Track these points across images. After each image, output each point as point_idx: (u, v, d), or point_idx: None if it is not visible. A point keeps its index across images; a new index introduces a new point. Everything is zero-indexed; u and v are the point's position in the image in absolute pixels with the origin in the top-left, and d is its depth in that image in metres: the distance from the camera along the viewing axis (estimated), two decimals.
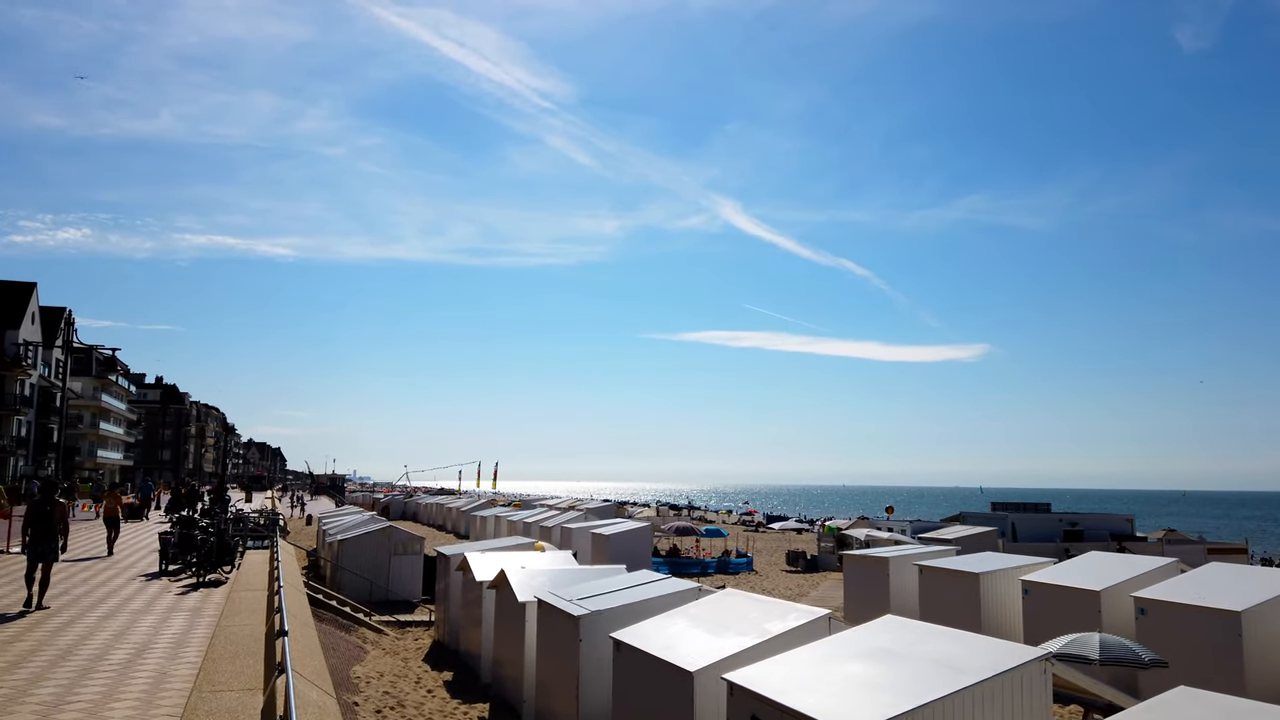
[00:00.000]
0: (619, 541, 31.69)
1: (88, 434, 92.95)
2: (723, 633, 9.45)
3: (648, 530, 33.07)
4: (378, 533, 27.18)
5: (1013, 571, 17.71)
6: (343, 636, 19.90)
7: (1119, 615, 15.17)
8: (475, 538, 52.41)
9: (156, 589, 16.37)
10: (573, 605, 11.90)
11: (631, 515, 63.98)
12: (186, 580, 17.51)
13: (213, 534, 17.46)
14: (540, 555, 17.82)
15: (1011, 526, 34.07)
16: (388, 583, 26.63)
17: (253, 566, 18.42)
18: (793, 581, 35.32)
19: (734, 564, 39.40)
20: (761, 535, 66.42)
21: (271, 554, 19.07)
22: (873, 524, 40.68)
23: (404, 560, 27.11)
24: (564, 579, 14.72)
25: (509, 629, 14.43)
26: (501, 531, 48.23)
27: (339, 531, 31.39)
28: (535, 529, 41.75)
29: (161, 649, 10.77)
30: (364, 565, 26.52)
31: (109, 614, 13.47)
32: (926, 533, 34.74)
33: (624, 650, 10.10)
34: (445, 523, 68.57)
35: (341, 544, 26.73)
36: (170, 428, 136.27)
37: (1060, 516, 35.45)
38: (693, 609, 10.81)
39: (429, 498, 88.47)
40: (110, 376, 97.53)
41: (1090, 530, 35.11)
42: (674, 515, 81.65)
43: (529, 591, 13.93)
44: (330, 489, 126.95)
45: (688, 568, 37.90)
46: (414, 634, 22.45)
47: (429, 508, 78.92)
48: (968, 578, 17.90)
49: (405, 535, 27.51)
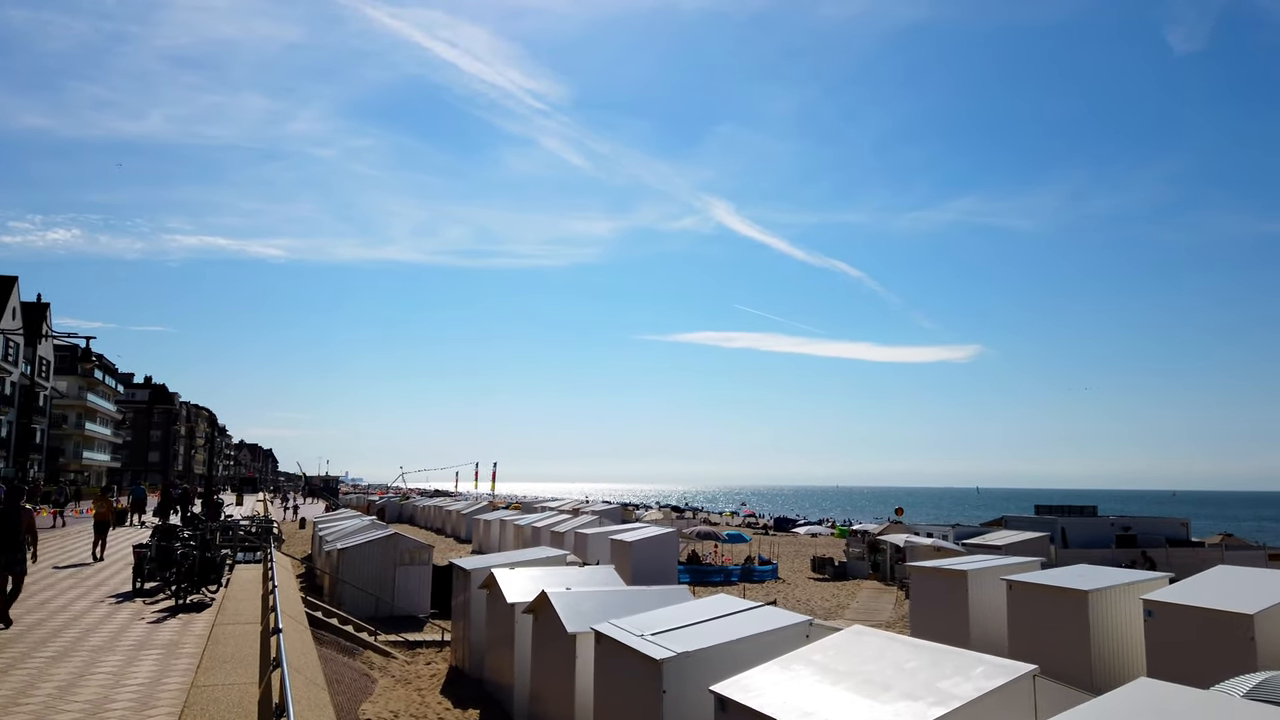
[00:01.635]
0: (643, 549, 29.14)
1: (73, 435, 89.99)
2: (884, 694, 6.93)
3: (673, 536, 30.53)
4: (381, 541, 24.60)
5: (1130, 589, 15.23)
6: (346, 663, 17.35)
7: (1277, 643, 12.70)
8: (478, 542, 49.69)
9: (127, 615, 13.76)
10: (649, 643, 9.39)
11: (639, 518, 61.42)
12: (164, 602, 14.92)
13: (196, 547, 14.88)
14: (578, 571, 15.31)
15: (1061, 532, 31.69)
16: (393, 597, 24.07)
17: (243, 586, 15.77)
18: (826, 591, 32.84)
19: (758, 572, 36.90)
20: (775, 540, 63.89)
21: (265, 572, 16.45)
22: (909, 529, 38.21)
23: (410, 571, 24.54)
24: (617, 603, 12.22)
25: (553, 663, 11.92)
26: (507, 536, 45.59)
27: (337, 538, 28.79)
28: (545, 534, 39.12)
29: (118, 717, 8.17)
30: (366, 577, 23.94)
31: (62, 653, 10.84)
32: (969, 539, 32.29)
33: (737, 713, 7.58)
34: (445, 526, 65.83)
35: (341, 553, 24.14)
36: (159, 428, 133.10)
37: (1112, 520, 33.07)
38: (816, 654, 8.29)
39: (426, 500, 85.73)
40: (96, 375, 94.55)
41: (1144, 535, 32.75)
42: (676, 518, 79.16)
43: (580, 619, 11.42)
44: (323, 491, 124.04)
45: (710, 576, 35.41)
46: (425, 656, 19.92)
47: (426, 510, 76.16)
48: (1073, 597, 15.40)
49: (412, 543, 24.95)
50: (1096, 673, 14.96)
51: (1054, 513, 35.52)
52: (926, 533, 34.75)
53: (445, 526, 65.62)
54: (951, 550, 30.81)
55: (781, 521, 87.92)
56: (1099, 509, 36.81)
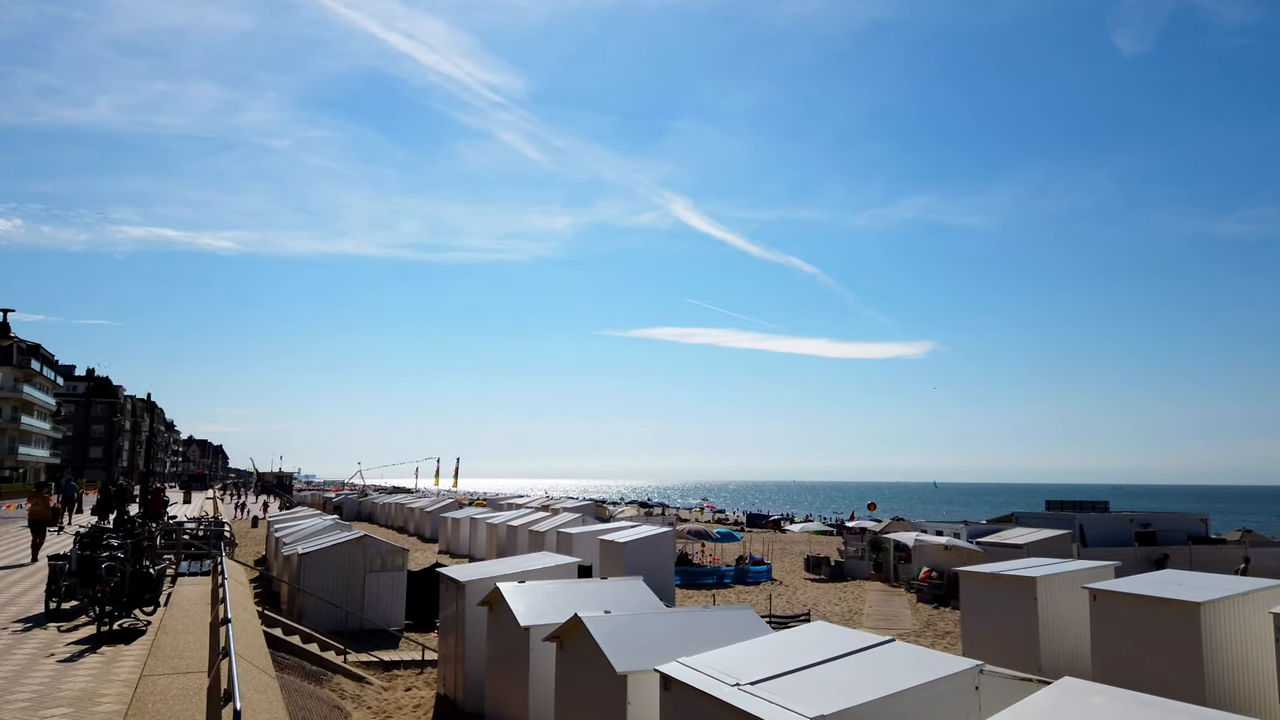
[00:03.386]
0: (638, 551, 26.48)
1: (7, 429, 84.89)
2: None
3: (669, 536, 27.91)
4: (350, 544, 21.66)
5: (1249, 600, 12.97)
6: (313, 692, 14.49)
7: None
8: (445, 542, 46.63)
9: (33, 649, 10.74)
10: (757, 700, 6.77)
11: (613, 516, 58.70)
12: (85, 628, 11.93)
13: (127, 559, 11.90)
14: (603, 585, 12.65)
15: (1079, 529, 29.65)
16: (363, 608, 21.16)
17: (187, 611, 12.66)
18: (829, 594, 30.49)
19: (753, 573, 34.47)
20: (762, 538, 61.57)
21: (215, 589, 13.40)
22: (914, 526, 35.99)
23: (383, 579, 21.66)
24: (672, 630, 9.60)
25: (592, 707, 9.27)
26: (478, 536, 42.63)
27: (296, 540, 25.73)
28: (522, 533, 36.27)
29: None
30: (333, 586, 21.00)
31: None
32: (983, 537, 30.16)
33: None
34: (407, 524, 62.49)
35: (304, 559, 21.15)
36: (101, 423, 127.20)
37: (1130, 517, 31.16)
38: None
39: (386, 497, 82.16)
40: (34, 366, 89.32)
41: (1164, 532, 30.91)
42: (646, 515, 76.57)
43: (631, 654, 8.79)
44: (277, 488, 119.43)
45: (702, 577, 32.91)
46: (404, 680, 17.10)
47: (387, 508, 72.67)
48: (1182, 610, 13.07)
49: (385, 547, 22.05)
50: (1211, 698, 12.68)
51: (1067, 509, 33.60)
52: (936, 530, 32.58)
53: (408, 525, 62.31)
54: (968, 550, 28.64)
55: (754, 518, 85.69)
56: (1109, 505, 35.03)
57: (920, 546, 30.48)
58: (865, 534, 35.76)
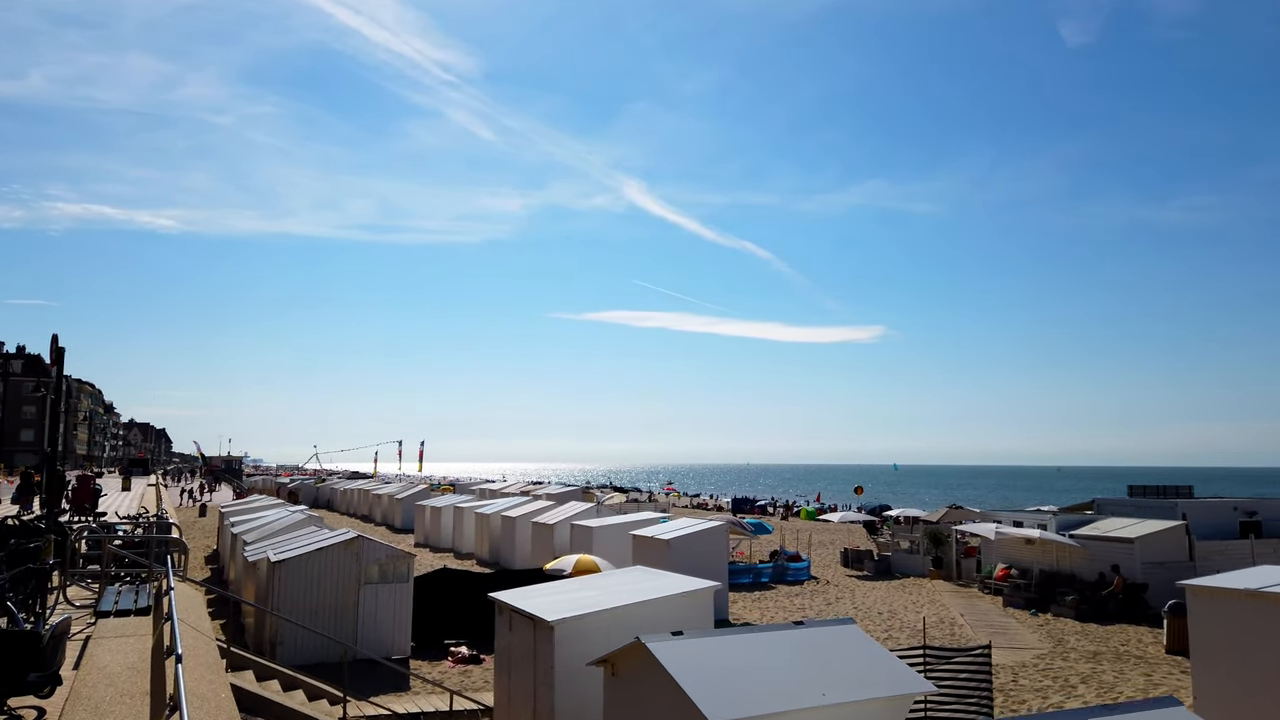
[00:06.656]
0: (686, 548, 21.67)
1: None
2: None
3: (723, 531, 23.09)
4: (339, 548, 16.50)
5: None
6: None
7: None
8: (424, 534, 41.30)
9: None
10: None
11: (600, 501, 53.81)
12: None
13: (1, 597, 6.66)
14: (799, 632, 7.80)
15: (1183, 518, 25.52)
16: (357, 634, 16.09)
17: (100, 707, 6.55)
18: (887, 596, 26.02)
19: (792, 571, 29.92)
20: (783, 528, 57.09)
21: (157, 644, 7.86)
22: (970, 514, 31.67)
23: (382, 593, 16.60)
24: None
25: None
26: (465, 528, 37.42)
27: (262, 539, 20.49)
28: (523, 526, 31.28)
29: None
30: (319, 605, 15.90)
31: None
32: (1076, 529, 25.90)
33: None
34: (373, 513, 56.91)
35: (278, 568, 15.95)
36: (34, 404, 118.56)
37: (1234, 504, 27.17)
38: None
39: (347, 483, 76.21)
40: None
41: (1270, 520, 26.99)
42: (626, 500, 71.99)
43: None
44: (225, 473, 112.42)
45: (738, 576, 28.21)
46: None
47: (348, 494, 66.89)
48: None
49: (385, 551, 16.93)
50: None
51: (1151, 494, 29.55)
52: (1013, 521, 28.23)
53: (374, 513, 56.74)
54: (1059, 544, 24.36)
55: (740, 503, 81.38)
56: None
57: (1000, 540, 26.15)
58: (918, 524, 31.35)
